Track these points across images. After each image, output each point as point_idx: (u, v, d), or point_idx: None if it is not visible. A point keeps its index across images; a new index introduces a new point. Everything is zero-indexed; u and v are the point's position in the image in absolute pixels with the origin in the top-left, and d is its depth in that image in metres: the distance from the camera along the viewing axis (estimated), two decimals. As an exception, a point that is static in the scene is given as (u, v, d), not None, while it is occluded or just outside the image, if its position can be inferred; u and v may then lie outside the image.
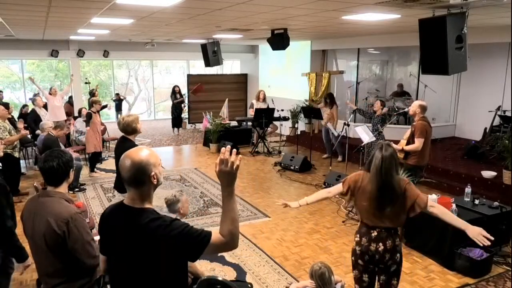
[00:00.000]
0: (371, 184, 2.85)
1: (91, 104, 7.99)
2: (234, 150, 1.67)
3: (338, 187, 3.05)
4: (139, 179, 1.73)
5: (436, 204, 2.91)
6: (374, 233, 2.88)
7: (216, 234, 1.69)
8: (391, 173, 2.81)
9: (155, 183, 1.77)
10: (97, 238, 3.53)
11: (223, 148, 1.67)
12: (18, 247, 2.94)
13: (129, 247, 1.73)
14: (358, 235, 2.99)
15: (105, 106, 8.87)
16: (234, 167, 1.64)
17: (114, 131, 9.64)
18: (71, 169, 2.48)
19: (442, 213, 2.86)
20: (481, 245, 2.60)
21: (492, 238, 2.60)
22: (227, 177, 1.66)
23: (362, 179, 2.95)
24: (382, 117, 7.00)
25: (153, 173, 1.74)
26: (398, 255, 2.91)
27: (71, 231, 2.29)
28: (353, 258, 3.06)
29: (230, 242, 1.69)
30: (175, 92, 12.33)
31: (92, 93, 10.43)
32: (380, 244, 2.86)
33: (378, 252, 2.86)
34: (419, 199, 2.83)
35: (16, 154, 6.27)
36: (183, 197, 3.40)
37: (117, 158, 4.28)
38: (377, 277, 3.01)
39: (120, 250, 1.77)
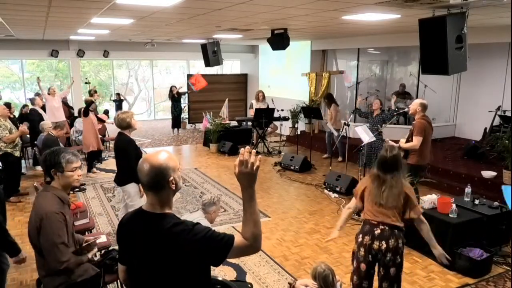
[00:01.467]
0: (375, 183, 2.93)
1: (87, 103, 8.01)
2: (254, 150, 1.64)
3: (355, 202, 3.20)
4: (158, 183, 1.69)
5: (425, 221, 3.05)
6: (378, 231, 2.89)
7: (239, 237, 1.65)
8: (393, 172, 2.89)
9: (174, 188, 1.72)
10: (101, 238, 3.54)
11: (242, 149, 1.64)
12: (10, 241, 2.98)
13: (151, 253, 1.68)
14: (360, 235, 3.00)
15: (106, 112, 8.72)
16: (254, 168, 1.61)
17: (115, 132, 9.63)
18: (60, 169, 2.50)
19: (427, 232, 3.02)
20: (442, 263, 2.98)
21: (450, 259, 3.06)
22: (248, 178, 1.62)
23: (367, 181, 3.04)
24: (382, 117, 6.99)
25: (171, 178, 1.70)
26: (398, 257, 2.92)
27: (43, 228, 2.37)
28: (354, 263, 3.06)
29: (254, 245, 1.66)
30: (172, 93, 12.32)
31: (90, 94, 10.42)
32: (383, 242, 2.87)
33: (380, 250, 2.88)
34: (416, 208, 2.98)
35: (17, 154, 6.26)
36: (219, 204, 3.48)
37: (116, 152, 4.43)
38: (378, 283, 3.02)
39: (142, 257, 1.72)
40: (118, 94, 13.26)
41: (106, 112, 9.25)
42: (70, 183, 2.56)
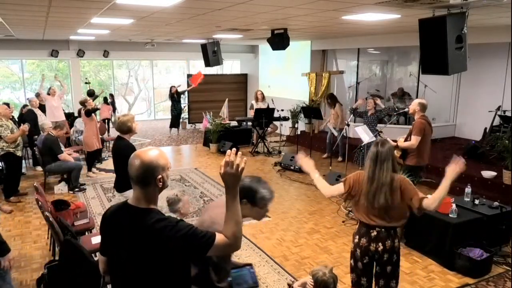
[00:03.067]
0: (368, 180, 2.87)
1: (82, 104, 7.93)
2: (240, 152, 1.69)
3: (339, 188, 3.02)
4: (145, 179, 1.72)
5: (430, 202, 2.79)
6: (374, 233, 2.88)
7: (220, 236, 1.70)
8: (386, 167, 2.82)
9: (160, 186, 1.76)
10: (99, 239, 3.52)
11: (228, 151, 1.69)
12: None
13: (133, 247, 1.71)
14: (357, 236, 2.99)
15: (97, 109, 8.70)
16: (239, 169, 1.67)
17: (115, 132, 9.64)
18: (253, 202, 2.22)
19: (436, 200, 2.78)
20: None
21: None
22: (232, 179, 1.68)
23: (361, 178, 2.97)
24: (377, 116, 7.00)
25: (159, 176, 1.73)
26: (395, 256, 2.91)
27: None
28: (352, 261, 3.05)
29: (234, 244, 1.72)
30: (172, 93, 12.18)
31: (92, 94, 10.42)
32: (380, 244, 2.86)
33: (377, 252, 2.87)
34: (414, 200, 2.81)
35: (19, 153, 6.25)
36: (184, 198, 3.42)
37: (114, 157, 4.27)
38: (375, 281, 3.01)
39: (124, 250, 1.75)
40: (111, 95, 12.97)
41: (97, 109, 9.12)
42: (254, 217, 2.36)
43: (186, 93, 13.13)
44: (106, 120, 11.18)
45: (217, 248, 1.68)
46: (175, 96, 12.23)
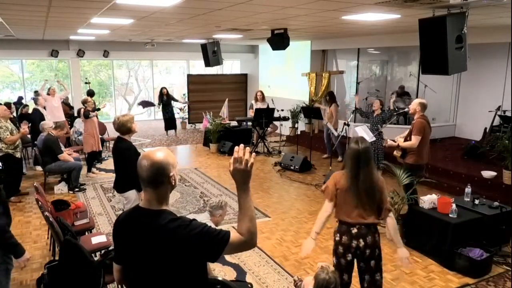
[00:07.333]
0: (349, 179, 2.89)
1: (83, 104, 7.92)
2: (248, 148, 1.68)
3: (328, 208, 3.02)
4: (158, 179, 1.69)
5: (392, 217, 3.01)
6: (354, 230, 2.91)
7: (234, 233, 1.67)
8: (368, 165, 2.87)
9: (173, 184, 1.74)
10: (99, 239, 3.52)
11: (236, 147, 1.68)
12: (13, 243, 2.96)
13: (148, 250, 1.68)
14: (338, 234, 3.00)
15: (97, 109, 8.64)
16: (249, 165, 1.65)
17: (114, 131, 9.61)
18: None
19: (393, 227, 2.98)
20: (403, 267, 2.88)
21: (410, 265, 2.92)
22: (242, 175, 1.67)
23: (340, 179, 2.97)
24: (382, 117, 7.00)
25: (172, 174, 1.72)
26: (377, 250, 2.95)
27: None
28: (334, 259, 3.06)
29: (249, 241, 1.68)
30: (162, 95, 11.91)
31: (91, 93, 10.41)
32: (361, 240, 2.90)
33: (359, 248, 2.90)
34: (385, 202, 2.94)
35: (18, 155, 6.25)
36: (225, 209, 3.53)
37: (114, 157, 4.29)
38: (360, 277, 3.02)
39: (139, 255, 1.71)
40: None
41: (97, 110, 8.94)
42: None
43: (187, 93, 13.06)
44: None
45: (233, 245, 1.65)
46: (164, 99, 11.88)
